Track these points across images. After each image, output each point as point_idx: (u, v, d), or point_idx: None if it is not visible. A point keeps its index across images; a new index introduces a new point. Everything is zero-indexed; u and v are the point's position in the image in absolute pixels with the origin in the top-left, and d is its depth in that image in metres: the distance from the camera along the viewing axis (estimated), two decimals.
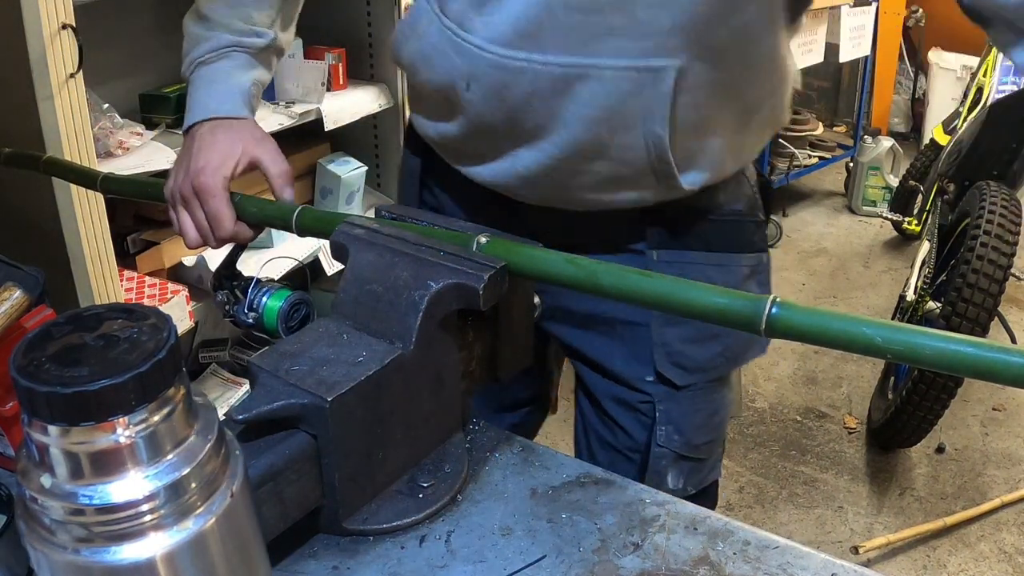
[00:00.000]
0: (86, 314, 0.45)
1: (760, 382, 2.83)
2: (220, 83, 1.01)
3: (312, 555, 0.68)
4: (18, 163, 1.25)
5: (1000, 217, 2.17)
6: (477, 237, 0.77)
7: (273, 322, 0.93)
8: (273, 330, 0.93)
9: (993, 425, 2.61)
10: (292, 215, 0.91)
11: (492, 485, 0.75)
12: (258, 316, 0.94)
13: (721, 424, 1.05)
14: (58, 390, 0.40)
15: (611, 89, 0.84)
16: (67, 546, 0.42)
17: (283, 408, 0.65)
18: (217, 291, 0.99)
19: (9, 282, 0.74)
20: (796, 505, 2.31)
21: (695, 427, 1.02)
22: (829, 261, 3.60)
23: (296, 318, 0.93)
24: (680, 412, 1.01)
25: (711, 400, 1.02)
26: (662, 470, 1.02)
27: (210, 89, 1.01)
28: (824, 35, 3.47)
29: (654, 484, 0.98)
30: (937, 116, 3.81)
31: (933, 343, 0.57)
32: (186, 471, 0.43)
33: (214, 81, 1.01)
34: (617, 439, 1.04)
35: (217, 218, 0.95)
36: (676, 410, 1.01)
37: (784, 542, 0.68)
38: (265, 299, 0.94)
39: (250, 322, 0.94)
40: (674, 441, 1.01)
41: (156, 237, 1.82)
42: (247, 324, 0.95)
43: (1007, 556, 2.13)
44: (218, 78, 1.01)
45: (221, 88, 1.01)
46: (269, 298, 0.94)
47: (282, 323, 0.92)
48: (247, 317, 0.94)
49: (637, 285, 0.69)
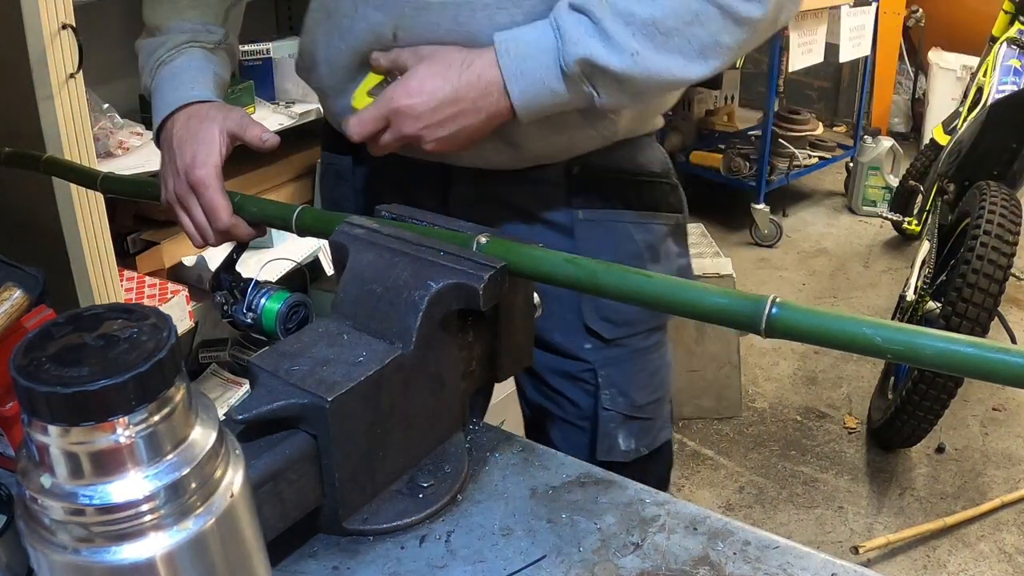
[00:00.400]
0: (86, 314, 0.45)
1: (760, 382, 2.83)
2: (183, 73, 1.01)
3: (312, 555, 0.68)
4: (18, 163, 1.25)
5: (1000, 217, 2.17)
6: (477, 237, 0.77)
7: (271, 324, 0.92)
8: (271, 332, 0.93)
9: (993, 425, 2.61)
10: (292, 215, 0.91)
11: (492, 485, 0.75)
12: (256, 317, 0.94)
13: (663, 384, 1.11)
14: (58, 390, 0.40)
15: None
16: (67, 546, 0.42)
17: (283, 408, 0.65)
18: (216, 292, 0.99)
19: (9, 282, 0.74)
20: (796, 505, 2.32)
21: (638, 387, 1.07)
22: (829, 261, 3.60)
23: (295, 320, 0.93)
24: (621, 375, 1.06)
25: (649, 361, 1.08)
26: (612, 432, 1.06)
27: (174, 82, 1.01)
28: (824, 35, 3.47)
29: (606, 448, 1.06)
30: (937, 116, 3.81)
31: (933, 343, 0.57)
32: (186, 471, 0.43)
33: (176, 75, 1.01)
34: (565, 411, 1.08)
35: (213, 209, 0.94)
36: (617, 373, 1.06)
37: (784, 542, 0.68)
38: (264, 301, 0.94)
39: (248, 322, 0.94)
40: (619, 403, 1.06)
41: (156, 237, 1.82)
42: (245, 324, 0.95)
43: (1007, 556, 2.13)
44: (179, 71, 1.01)
45: (185, 78, 1.01)
46: (268, 300, 0.93)
47: (280, 325, 0.92)
48: (245, 317, 0.94)
49: (637, 285, 0.69)
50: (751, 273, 3.48)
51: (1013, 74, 2.63)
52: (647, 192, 1.05)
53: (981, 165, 2.56)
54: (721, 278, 2.49)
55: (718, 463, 2.47)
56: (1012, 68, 2.65)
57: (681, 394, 2.62)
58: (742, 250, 3.65)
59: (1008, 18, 2.92)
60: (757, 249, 3.67)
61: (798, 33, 3.34)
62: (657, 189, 1.06)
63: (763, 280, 3.44)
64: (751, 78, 4.65)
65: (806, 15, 3.34)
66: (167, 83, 1.01)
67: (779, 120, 3.85)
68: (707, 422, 2.63)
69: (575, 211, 1.02)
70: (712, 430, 2.60)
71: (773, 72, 3.49)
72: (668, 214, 1.07)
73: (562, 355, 1.06)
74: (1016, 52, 2.69)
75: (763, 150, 3.55)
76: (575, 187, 1.01)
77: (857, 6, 3.56)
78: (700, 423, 2.63)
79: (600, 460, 1.05)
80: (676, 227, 1.09)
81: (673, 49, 0.82)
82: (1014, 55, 2.69)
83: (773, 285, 3.40)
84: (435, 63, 0.87)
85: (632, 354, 1.06)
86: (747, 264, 3.53)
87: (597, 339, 1.04)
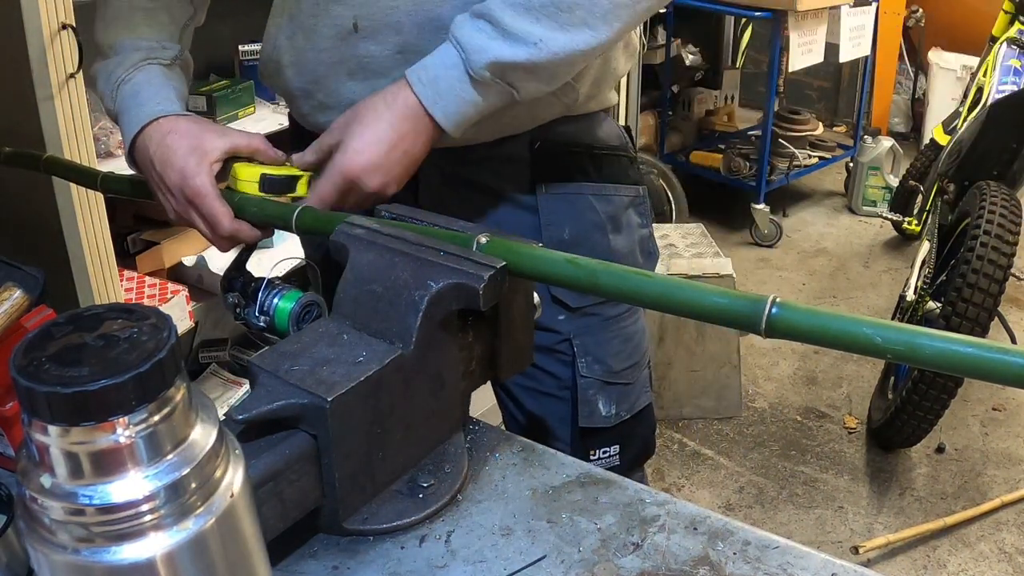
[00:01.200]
0: (86, 314, 0.45)
1: (760, 382, 2.83)
2: (148, 89, 1.00)
3: (312, 555, 0.68)
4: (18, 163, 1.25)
5: (1000, 217, 2.17)
6: (477, 237, 0.77)
7: (284, 323, 0.91)
8: (284, 332, 0.92)
9: (993, 425, 2.61)
10: (292, 215, 0.91)
11: (492, 485, 0.75)
12: (269, 319, 0.92)
13: (638, 349, 1.14)
14: (58, 390, 0.40)
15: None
16: (67, 546, 0.42)
17: (283, 408, 0.65)
18: (227, 293, 0.97)
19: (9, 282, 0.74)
20: (796, 505, 2.32)
21: (613, 354, 1.10)
22: (829, 261, 3.60)
23: (308, 320, 0.92)
24: (595, 342, 1.09)
25: (622, 328, 1.11)
26: (592, 399, 1.10)
27: (138, 99, 0.99)
28: (824, 35, 3.47)
29: (587, 415, 1.10)
30: (937, 116, 3.81)
31: (933, 343, 0.57)
32: (186, 471, 0.43)
33: (139, 92, 1.00)
34: (544, 384, 1.11)
35: (213, 217, 0.94)
36: (591, 342, 1.09)
37: (784, 542, 0.68)
38: (276, 300, 0.92)
39: (261, 325, 0.93)
40: (596, 370, 1.10)
41: (156, 237, 1.82)
42: (258, 327, 0.93)
43: (1007, 556, 2.13)
44: (143, 88, 1.00)
45: (149, 93, 1.00)
46: (280, 299, 0.92)
47: (293, 324, 0.91)
48: (258, 320, 0.93)
49: (637, 285, 0.69)
50: (751, 273, 3.49)
51: (1013, 74, 2.63)
52: (607, 165, 1.08)
53: (981, 165, 2.56)
54: (721, 278, 2.49)
55: (718, 463, 2.47)
56: (1012, 68, 2.65)
57: (681, 394, 2.62)
58: (742, 250, 3.65)
59: (1008, 18, 2.92)
60: (757, 249, 3.67)
61: (798, 33, 3.34)
62: (616, 162, 1.10)
63: (763, 280, 3.44)
64: (751, 78, 4.65)
65: (806, 15, 3.34)
66: (131, 101, 0.99)
67: (779, 120, 3.85)
68: (707, 422, 2.63)
69: (538, 186, 1.05)
70: (712, 430, 2.60)
71: (773, 72, 3.49)
72: (629, 186, 1.11)
73: (539, 329, 1.08)
74: (1016, 52, 2.69)
75: (763, 150, 3.55)
76: (537, 162, 1.04)
77: (857, 6, 3.56)
78: (700, 423, 2.63)
79: (583, 427, 1.10)
80: (637, 198, 1.12)
81: (578, 23, 0.84)
82: (1014, 55, 2.69)
83: (773, 285, 3.40)
84: (361, 118, 0.89)
85: (604, 322, 1.09)
86: (747, 264, 3.54)
87: (565, 308, 1.07)
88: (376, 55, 0.96)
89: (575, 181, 1.06)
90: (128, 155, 1.01)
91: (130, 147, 0.99)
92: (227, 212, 0.94)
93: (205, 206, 0.93)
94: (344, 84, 0.99)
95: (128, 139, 0.99)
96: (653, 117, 3.97)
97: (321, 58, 0.99)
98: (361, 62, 0.97)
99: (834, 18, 3.52)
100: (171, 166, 0.94)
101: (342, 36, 0.96)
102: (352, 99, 0.96)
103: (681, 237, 2.71)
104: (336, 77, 0.99)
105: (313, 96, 1.03)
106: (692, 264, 2.53)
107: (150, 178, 0.98)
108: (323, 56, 0.99)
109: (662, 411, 2.64)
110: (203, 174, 0.93)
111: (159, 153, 0.95)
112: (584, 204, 1.06)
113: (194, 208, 0.94)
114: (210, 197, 0.93)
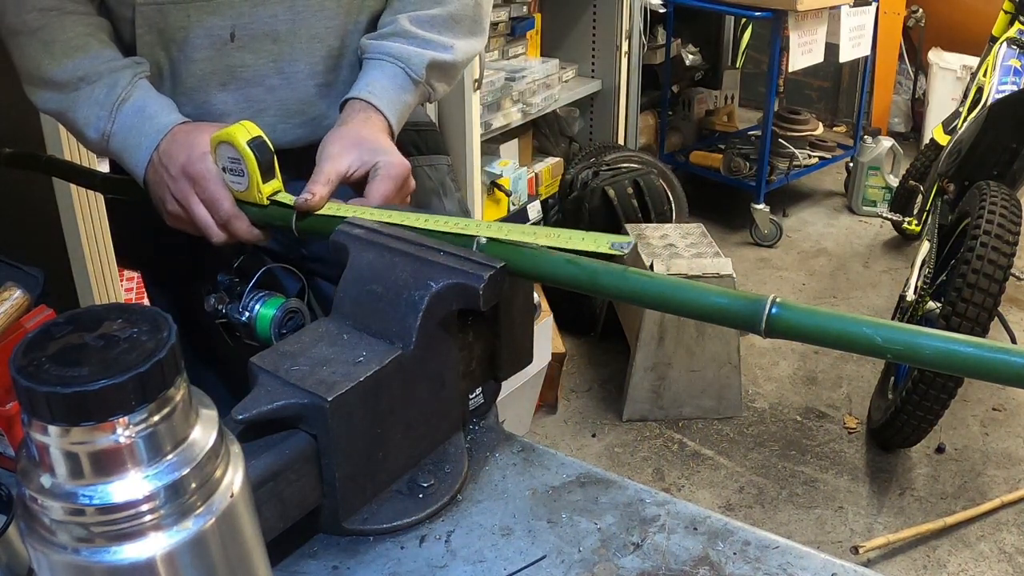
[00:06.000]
0: (86, 314, 0.45)
1: (760, 382, 2.83)
2: (154, 102, 0.99)
3: (312, 555, 0.68)
4: (19, 163, 1.25)
5: (1000, 217, 2.17)
6: (477, 237, 0.77)
7: (266, 329, 0.91)
8: (265, 338, 0.92)
9: (993, 425, 2.61)
10: (292, 215, 0.91)
11: (492, 485, 0.75)
12: (251, 320, 0.92)
13: None
14: (58, 390, 0.40)
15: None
16: (67, 546, 0.42)
17: (283, 408, 0.65)
18: (210, 295, 0.96)
19: (9, 282, 0.74)
20: (796, 505, 2.32)
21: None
22: (829, 261, 3.60)
23: (289, 327, 0.92)
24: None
25: None
26: None
27: (147, 112, 0.98)
28: (824, 35, 3.47)
29: None
30: (937, 116, 3.81)
31: (933, 343, 0.57)
32: (186, 471, 0.43)
33: (146, 106, 0.99)
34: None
35: (213, 200, 0.93)
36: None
37: (784, 542, 0.68)
38: (258, 306, 0.93)
39: (243, 321, 0.93)
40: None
41: None
42: (240, 323, 0.93)
43: (1007, 556, 2.13)
44: (148, 102, 0.99)
45: (159, 104, 0.99)
46: (263, 305, 0.92)
47: (275, 330, 0.91)
48: (241, 316, 0.93)
49: (637, 285, 0.69)
50: (751, 273, 3.48)
51: (1013, 74, 2.63)
52: (428, 139, 1.23)
53: (981, 165, 2.56)
54: (721, 278, 2.49)
55: (718, 463, 2.47)
56: (1012, 68, 2.65)
57: (681, 394, 2.62)
58: (742, 250, 3.65)
59: (1008, 18, 2.92)
60: (757, 249, 3.67)
61: (798, 33, 3.34)
62: (431, 136, 1.24)
63: (763, 280, 3.44)
64: (751, 78, 4.65)
65: (806, 15, 3.34)
66: (137, 117, 0.98)
67: (779, 120, 3.85)
68: (707, 422, 2.63)
69: None
70: (712, 430, 2.60)
71: (773, 72, 3.49)
72: (444, 156, 1.26)
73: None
74: (1016, 52, 2.69)
75: (763, 150, 3.55)
76: None
77: (857, 6, 3.56)
78: (700, 423, 2.63)
79: None
80: (449, 167, 1.27)
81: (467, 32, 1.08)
82: (1014, 55, 2.69)
83: (773, 285, 3.40)
84: (366, 138, 0.97)
85: None
86: (747, 264, 3.53)
87: None
88: (251, 64, 1.02)
89: (409, 155, 1.08)
90: (143, 171, 0.99)
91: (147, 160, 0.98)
92: (228, 196, 0.93)
93: (208, 189, 0.93)
94: (215, 95, 1.03)
95: (150, 147, 0.97)
96: (653, 117, 3.96)
97: (195, 68, 1.02)
98: (235, 72, 1.02)
99: (834, 18, 3.52)
100: (178, 154, 0.94)
101: (216, 47, 1.01)
102: (223, 110, 1.03)
103: (681, 237, 2.71)
104: (206, 89, 1.03)
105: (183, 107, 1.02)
106: (692, 264, 2.53)
107: (159, 183, 0.97)
108: (197, 67, 1.02)
109: (662, 411, 2.64)
110: (208, 160, 0.93)
111: (168, 149, 0.95)
112: (419, 174, 1.13)
113: (196, 189, 0.94)
114: (213, 180, 0.93)
